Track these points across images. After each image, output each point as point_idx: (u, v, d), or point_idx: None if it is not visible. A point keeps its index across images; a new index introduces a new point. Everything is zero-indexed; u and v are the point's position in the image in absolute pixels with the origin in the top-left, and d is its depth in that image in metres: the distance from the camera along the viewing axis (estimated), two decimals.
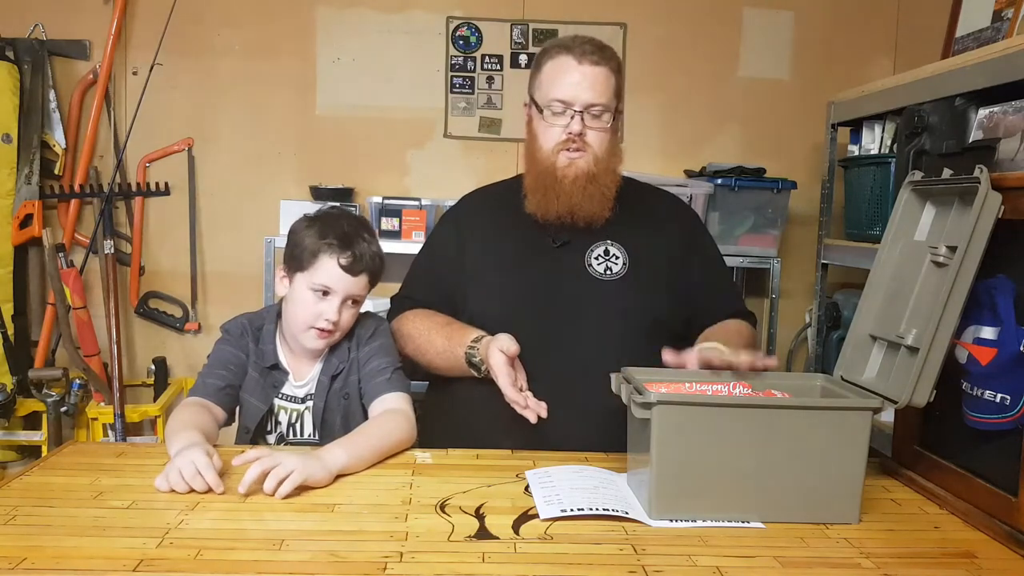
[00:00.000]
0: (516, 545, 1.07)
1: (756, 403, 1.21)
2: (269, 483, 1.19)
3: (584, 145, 1.61)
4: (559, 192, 1.62)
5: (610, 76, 1.62)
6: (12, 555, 0.98)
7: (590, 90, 1.59)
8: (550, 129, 1.62)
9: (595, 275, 1.66)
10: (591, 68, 1.60)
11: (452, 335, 1.63)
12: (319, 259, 1.50)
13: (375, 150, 3.01)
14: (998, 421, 1.18)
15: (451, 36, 3.00)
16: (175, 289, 2.99)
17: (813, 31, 3.06)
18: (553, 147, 1.62)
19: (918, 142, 1.92)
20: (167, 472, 1.22)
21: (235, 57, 2.94)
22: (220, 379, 1.52)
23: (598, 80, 1.60)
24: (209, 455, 1.24)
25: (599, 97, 1.60)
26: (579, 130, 1.59)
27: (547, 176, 1.63)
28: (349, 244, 1.50)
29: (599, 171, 1.62)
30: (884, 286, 1.40)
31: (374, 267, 1.53)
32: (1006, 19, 2.01)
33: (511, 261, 1.70)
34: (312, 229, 1.53)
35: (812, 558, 1.06)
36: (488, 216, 1.78)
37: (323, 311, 1.49)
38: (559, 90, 1.60)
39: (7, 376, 2.74)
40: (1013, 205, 1.19)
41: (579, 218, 1.64)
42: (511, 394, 1.45)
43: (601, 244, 1.69)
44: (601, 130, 1.62)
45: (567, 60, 1.61)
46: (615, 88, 1.63)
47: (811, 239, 2.74)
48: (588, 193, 1.62)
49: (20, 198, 2.75)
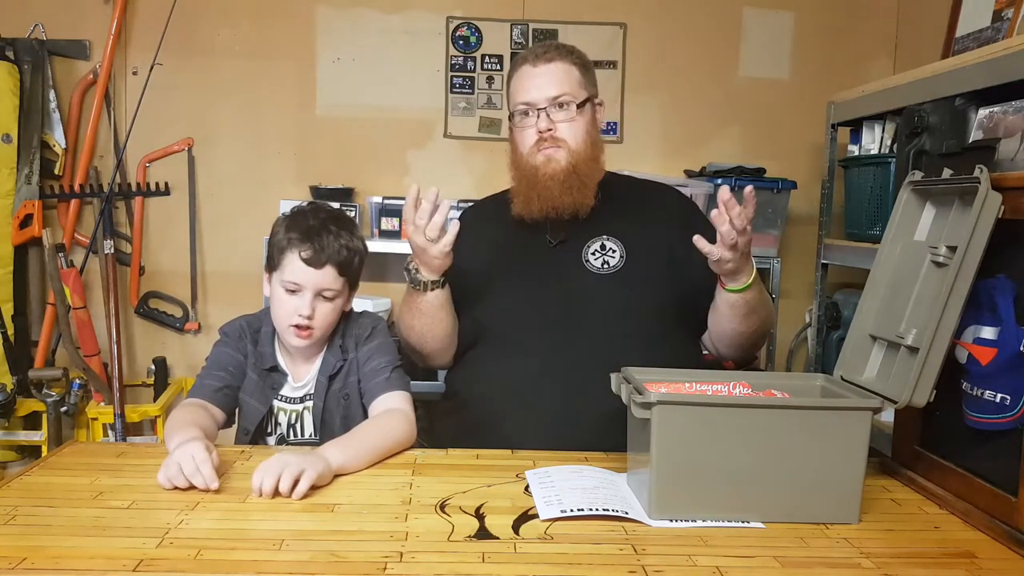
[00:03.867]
0: (516, 545, 1.07)
1: (756, 403, 1.21)
2: (285, 483, 1.19)
3: (557, 140, 1.64)
4: (540, 189, 1.65)
5: (570, 68, 1.67)
6: (12, 555, 0.98)
7: (548, 86, 1.65)
8: (523, 132, 1.68)
9: (592, 270, 1.67)
10: (545, 66, 1.67)
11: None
12: (285, 256, 1.50)
13: (375, 150, 3.01)
14: (998, 421, 1.18)
15: (451, 36, 3.00)
16: (175, 289, 2.99)
17: (813, 31, 3.06)
18: (529, 149, 1.67)
19: (918, 142, 1.92)
20: (166, 465, 1.22)
21: (235, 57, 2.94)
22: (218, 380, 1.52)
23: (554, 75, 1.66)
24: (208, 450, 1.24)
25: (559, 89, 1.65)
26: (546, 126, 1.64)
27: (528, 177, 1.67)
28: (310, 237, 1.49)
29: (578, 162, 1.65)
30: (884, 286, 1.40)
31: (340, 259, 1.51)
32: (1006, 19, 2.01)
33: (509, 263, 1.71)
34: (281, 227, 1.54)
35: (812, 558, 1.06)
36: (483, 226, 1.79)
37: (296, 307, 1.49)
38: (521, 94, 1.67)
39: (7, 376, 2.74)
40: (1013, 205, 1.19)
41: (563, 211, 1.66)
42: (408, 214, 1.50)
43: (597, 239, 1.70)
44: (569, 120, 1.65)
45: (524, 68, 1.70)
46: (579, 79, 1.68)
47: (811, 239, 2.74)
48: (568, 185, 1.65)
49: (20, 198, 2.75)
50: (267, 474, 1.19)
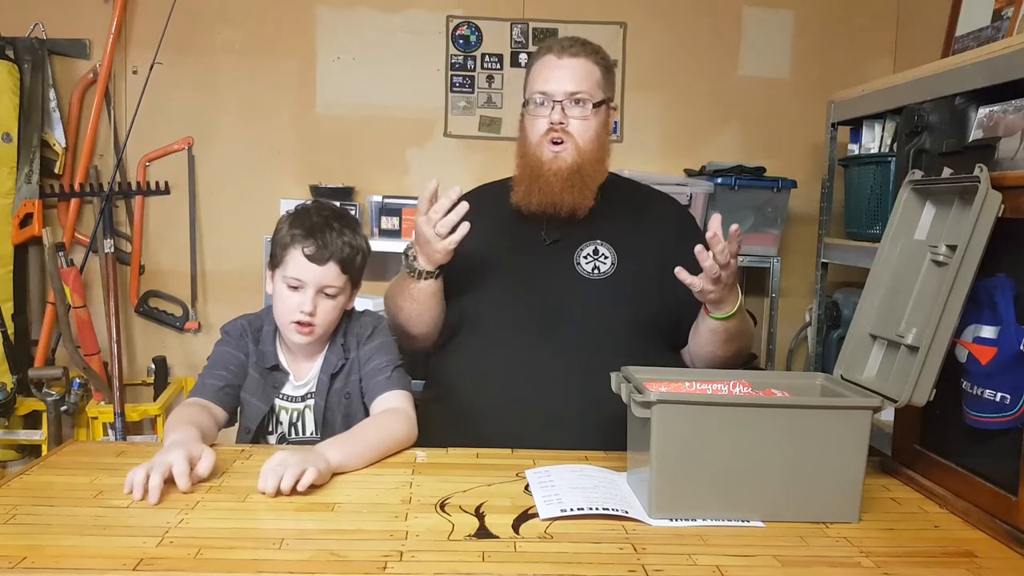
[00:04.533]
0: (516, 544, 1.07)
1: (756, 402, 1.21)
2: (287, 481, 1.18)
3: (566, 136, 1.64)
4: (541, 184, 1.65)
5: (592, 68, 1.67)
6: (12, 555, 0.98)
7: (569, 80, 1.65)
8: (535, 121, 1.68)
9: (583, 274, 1.68)
10: (570, 60, 1.66)
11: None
12: (288, 252, 1.51)
13: (375, 149, 3.01)
14: (998, 420, 1.18)
15: (451, 35, 3.00)
16: (175, 288, 2.99)
17: (813, 30, 3.06)
18: (538, 139, 1.67)
19: (918, 141, 1.92)
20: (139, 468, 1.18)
21: (235, 56, 2.94)
22: (219, 379, 1.52)
23: (577, 70, 1.66)
24: (192, 459, 1.22)
25: (578, 85, 1.65)
26: (559, 119, 1.64)
27: (533, 168, 1.67)
28: (313, 233, 1.50)
29: (583, 162, 1.65)
30: (884, 285, 1.40)
31: (343, 256, 1.51)
32: (1006, 18, 2.01)
33: (502, 257, 1.72)
34: (285, 224, 1.54)
35: (812, 557, 1.06)
36: (483, 211, 1.78)
37: (298, 303, 1.49)
38: (541, 83, 1.67)
39: (7, 375, 2.74)
40: (1013, 204, 1.19)
41: (561, 209, 1.66)
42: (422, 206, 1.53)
43: (591, 244, 1.70)
44: (583, 119, 1.65)
45: (548, 57, 1.69)
46: (599, 80, 1.68)
47: (811, 238, 2.74)
48: (570, 184, 1.65)
49: (20, 197, 2.75)
50: (270, 476, 1.19)
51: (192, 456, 1.23)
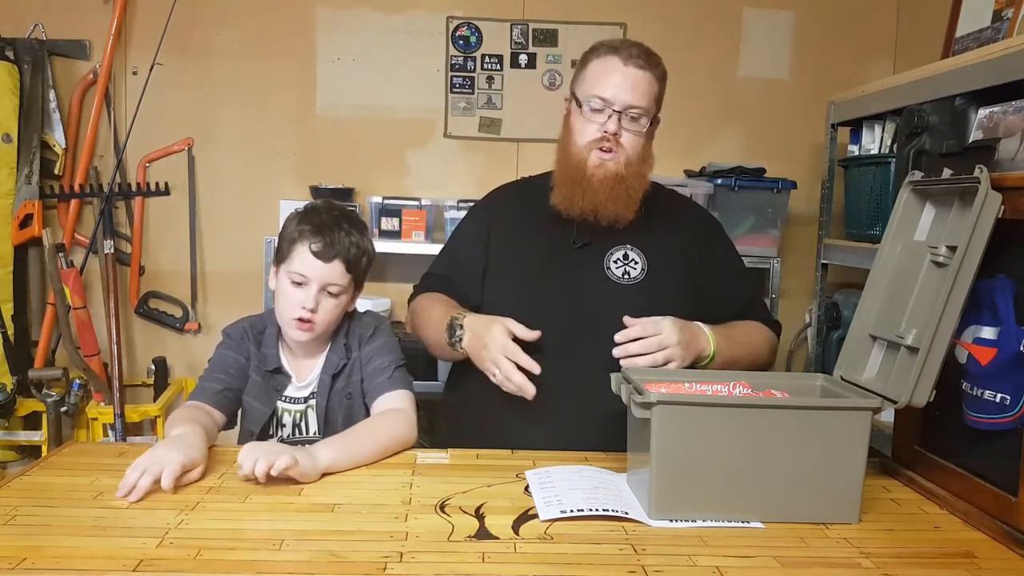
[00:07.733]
0: (516, 545, 1.07)
1: (756, 403, 1.21)
2: (260, 467, 1.20)
3: (617, 146, 1.61)
4: (586, 190, 1.62)
5: (653, 82, 1.63)
6: (12, 555, 0.98)
7: (631, 91, 1.60)
8: (587, 125, 1.63)
9: (613, 279, 1.66)
10: (635, 71, 1.61)
11: (453, 308, 1.65)
12: (294, 248, 1.51)
13: (375, 150, 3.01)
14: (998, 421, 1.18)
15: (451, 36, 3.00)
16: (175, 289, 2.99)
17: (813, 31, 3.06)
18: (587, 143, 1.62)
19: (918, 142, 1.92)
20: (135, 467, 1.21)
21: (235, 57, 2.94)
22: (219, 383, 1.52)
23: (640, 83, 1.61)
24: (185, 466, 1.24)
25: (639, 100, 1.60)
26: (615, 130, 1.60)
27: (577, 172, 1.63)
28: (322, 231, 1.50)
29: (628, 174, 1.62)
30: (884, 286, 1.40)
31: (350, 255, 1.52)
32: (1006, 19, 2.01)
33: (531, 258, 1.70)
34: (293, 221, 1.55)
35: (812, 558, 1.06)
36: (516, 209, 1.79)
37: (301, 300, 1.49)
38: (601, 88, 1.61)
39: (7, 376, 2.74)
40: (1013, 205, 1.19)
41: (602, 217, 1.64)
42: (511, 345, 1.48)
43: (621, 248, 1.68)
44: (636, 133, 1.62)
45: (613, 60, 1.62)
46: (656, 95, 1.64)
47: (811, 239, 2.74)
48: (614, 194, 1.62)
49: (20, 198, 2.75)
50: (246, 460, 1.22)
51: (187, 464, 1.25)
